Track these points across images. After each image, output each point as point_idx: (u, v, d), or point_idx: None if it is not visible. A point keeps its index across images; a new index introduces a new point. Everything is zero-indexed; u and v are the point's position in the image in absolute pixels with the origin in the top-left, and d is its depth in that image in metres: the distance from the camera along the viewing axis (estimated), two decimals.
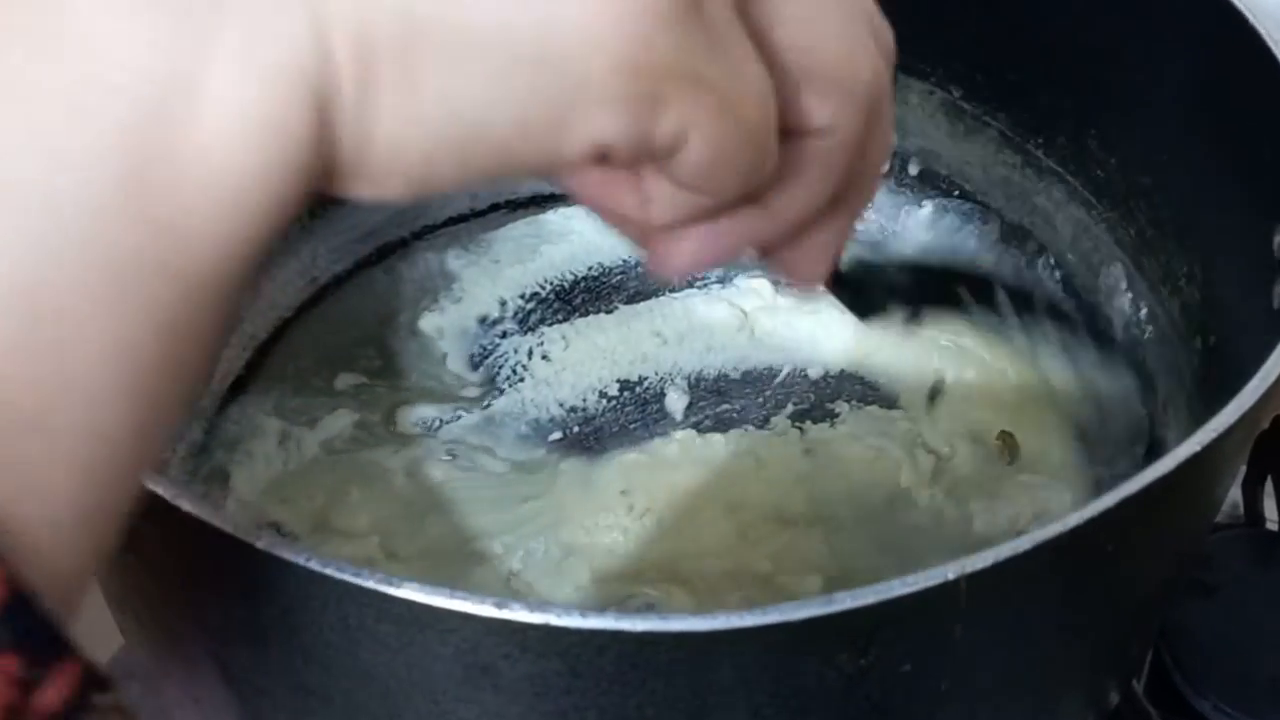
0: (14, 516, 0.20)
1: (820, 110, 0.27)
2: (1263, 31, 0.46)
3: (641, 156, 0.25)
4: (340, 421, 0.55)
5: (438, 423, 0.56)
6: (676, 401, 0.58)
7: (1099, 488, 0.54)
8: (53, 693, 0.20)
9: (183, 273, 0.22)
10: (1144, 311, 0.55)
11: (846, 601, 0.29)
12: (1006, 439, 0.56)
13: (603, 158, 0.25)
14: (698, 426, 0.57)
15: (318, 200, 0.24)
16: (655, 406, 0.58)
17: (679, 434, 0.56)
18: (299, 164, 0.22)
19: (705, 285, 0.62)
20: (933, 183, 0.64)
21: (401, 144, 0.23)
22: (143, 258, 0.21)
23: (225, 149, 0.21)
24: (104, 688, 0.21)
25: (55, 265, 0.20)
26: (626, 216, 0.28)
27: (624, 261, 0.64)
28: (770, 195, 0.28)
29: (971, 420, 0.57)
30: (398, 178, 0.24)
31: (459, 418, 0.57)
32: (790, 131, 0.27)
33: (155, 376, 0.22)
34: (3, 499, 0.20)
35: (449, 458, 0.55)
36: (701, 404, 0.58)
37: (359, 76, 0.22)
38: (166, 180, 0.21)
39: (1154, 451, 0.52)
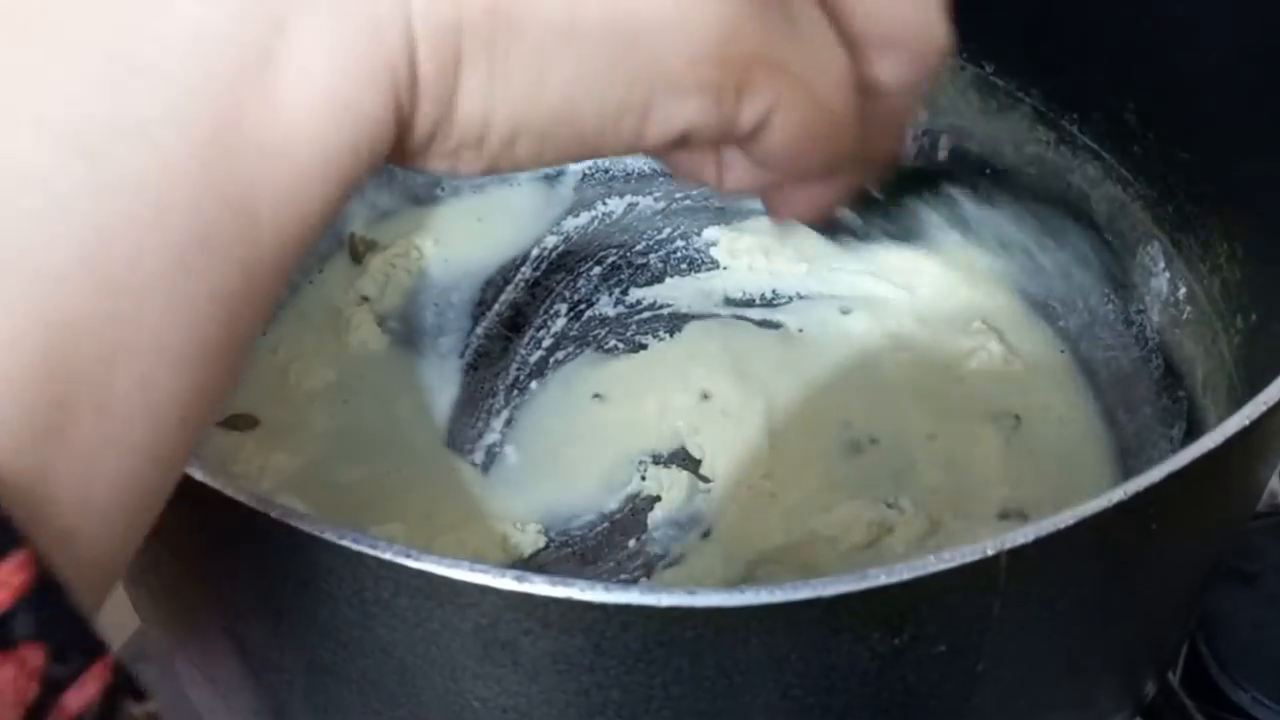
0: (53, 498, 0.19)
1: (892, 75, 0.27)
2: None
3: (724, 139, 0.25)
4: None
5: None
6: None
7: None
8: (81, 693, 0.19)
9: (247, 254, 0.21)
10: (1182, 291, 0.54)
11: (880, 578, 0.28)
12: None
13: (685, 139, 0.25)
14: None
15: None
16: None
17: None
18: (370, 146, 0.22)
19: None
20: (964, 160, 0.63)
21: (483, 127, 0.23)
22: (210, 235, 0.20)
23: (303, 129, 0.21)
24: (140, 696, 0.20)
25: (124, 236, 0.19)
26: (700, 179, 0.28)
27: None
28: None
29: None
30: (474, 156, 0.24)
31: None
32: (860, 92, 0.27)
33: (211, 356, 0.21)
34: (46, 477, 0.19)
35: None
36: None
37: (442, 63, 0.22)
38: (240, 155, 0.20)
39: (1193, 434, 0.51)
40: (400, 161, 0.23)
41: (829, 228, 0.43)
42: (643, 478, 0.54)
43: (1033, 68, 0.59)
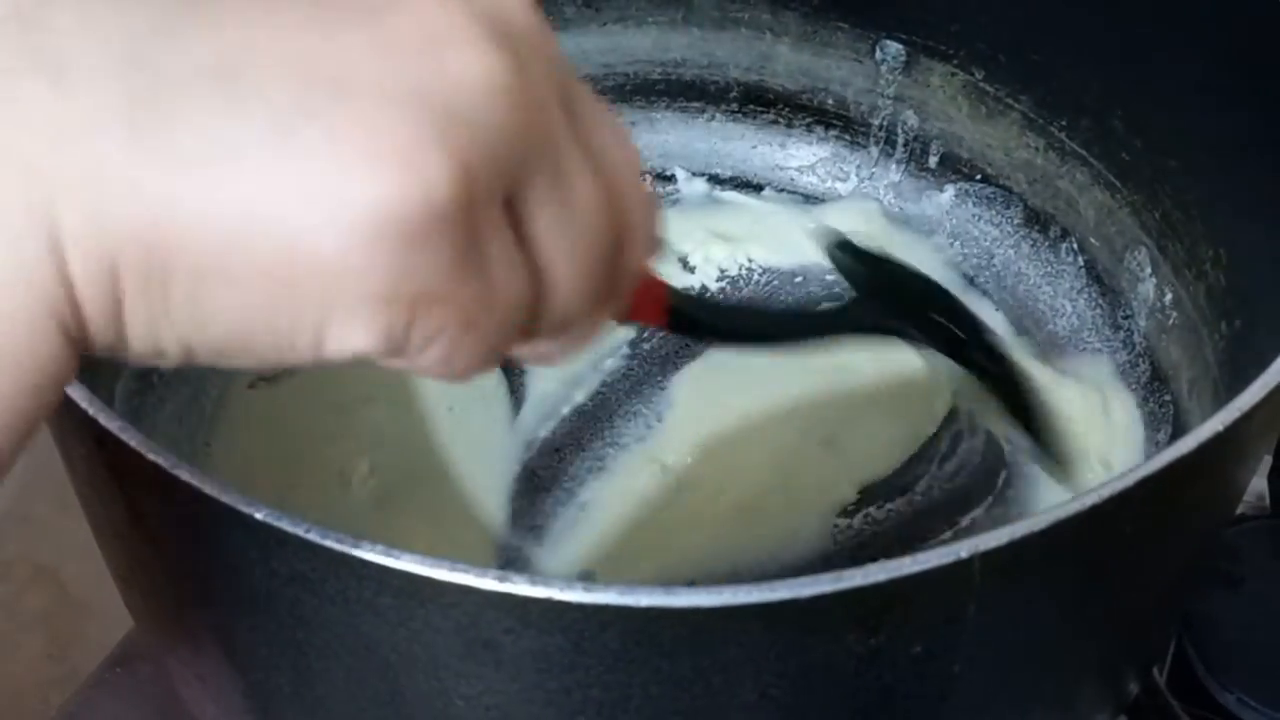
0: None
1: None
2: None
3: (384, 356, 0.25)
4: None
5: None
6: None
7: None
8: None
9: None
10: (1169, 297, 0.54)
11: (856, 579, 0.29)
12: None
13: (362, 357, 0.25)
14: None
15: None
16: None
17: None
18: (49, 368, 0.22)
19: None
20: (954, 166, 0.63)
21: (155, 345, 0.23)
22: None
23: None
24: None
25: None
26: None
27: None
28: None
29: None
30: (161, 361, 0.24)
31: None
32: None
33: None
34: None
35: None
36: None
37: (101, 295, 0.22)
38: None
39: (1179, 438, 0.51)
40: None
41: None
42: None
43: (1022, 75, 0.59)
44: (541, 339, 0.28)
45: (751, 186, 0.66)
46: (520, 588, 0.28)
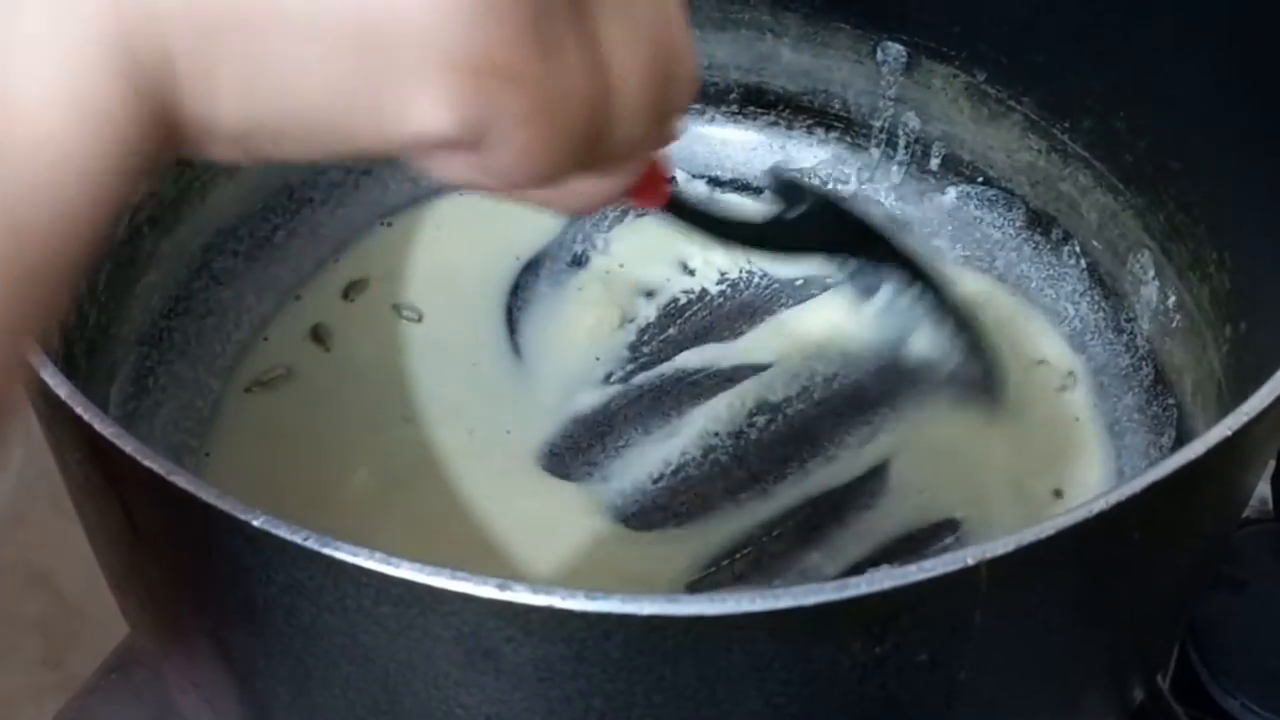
0: None
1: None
2: None
3: (457, 146, 0.24)
4: None
5: None
6: None
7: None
8: None
9: (17, 255, 0.21)
10: (1172, 300, 0.54)
11: (861, 587, 0.28)
12: None
13: (421, 143, 0.24)
14: None
15: None
16: None
17: None
18: (123, 137, 0.22)
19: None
20: (956, 169, 0.63)
21: (214, 124, 0.23)
22: None
23: (44, 133, 0.21)
24: None
25: None
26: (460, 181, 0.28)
27: None
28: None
29: None
30: (225, 149, 0.24)
31: None
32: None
33: None
34: None
35: None
36: None
37: (159, 59, 0.22)
38: None
39: (1183, 441, 0.51)
40: (184, 152, 0.24)
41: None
42: None
43: (1024, 76, 0.59)
44: (594, 168, 0.27)
45: (752, 189, 0.66)
46: (521, 596, 0.28)
